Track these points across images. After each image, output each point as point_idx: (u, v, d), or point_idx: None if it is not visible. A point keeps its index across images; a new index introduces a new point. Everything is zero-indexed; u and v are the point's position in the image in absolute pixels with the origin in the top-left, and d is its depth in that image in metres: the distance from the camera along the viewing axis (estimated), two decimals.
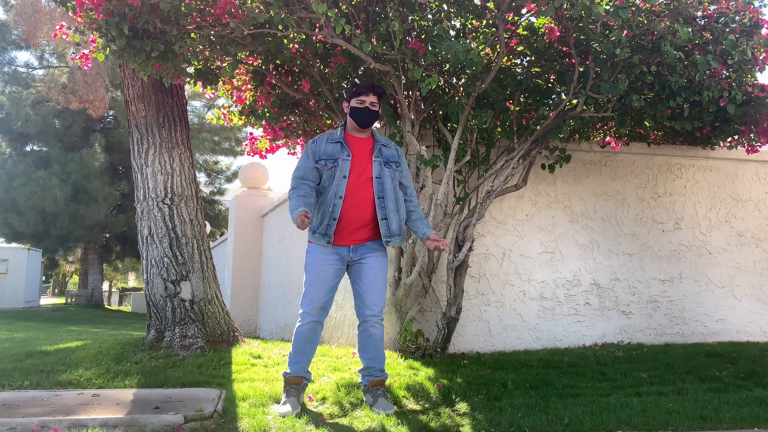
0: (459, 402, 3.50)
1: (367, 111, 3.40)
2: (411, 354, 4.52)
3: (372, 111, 3.41)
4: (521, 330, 5.18)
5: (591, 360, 4.57)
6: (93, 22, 3.89)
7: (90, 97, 17.00)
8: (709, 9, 4.16)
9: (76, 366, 4.34)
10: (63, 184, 17.88)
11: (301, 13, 3.92)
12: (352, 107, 3.43)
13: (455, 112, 4.45)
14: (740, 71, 4.16)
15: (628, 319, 5.42)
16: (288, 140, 5.71)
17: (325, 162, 3.38)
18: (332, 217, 3.32)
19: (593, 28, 4.01)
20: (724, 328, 5.60)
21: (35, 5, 16.08)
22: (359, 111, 3.41)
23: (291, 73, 4.92)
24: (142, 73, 4.30)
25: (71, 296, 27.75)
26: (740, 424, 3.04)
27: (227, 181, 24.39)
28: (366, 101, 3.40)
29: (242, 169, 9.62)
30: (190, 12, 3.94)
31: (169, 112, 5.30)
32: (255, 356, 4.61)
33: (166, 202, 5.10)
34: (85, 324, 13.68)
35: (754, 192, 5.90)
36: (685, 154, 5.78)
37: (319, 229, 3.35)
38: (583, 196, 5.50)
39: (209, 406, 3.17)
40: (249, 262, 9.17)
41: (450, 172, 4.46)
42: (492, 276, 5.18)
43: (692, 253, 5.65)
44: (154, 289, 5.04)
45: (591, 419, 3.09)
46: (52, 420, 2.87)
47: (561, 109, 4.45)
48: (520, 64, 4.88)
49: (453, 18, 4.31)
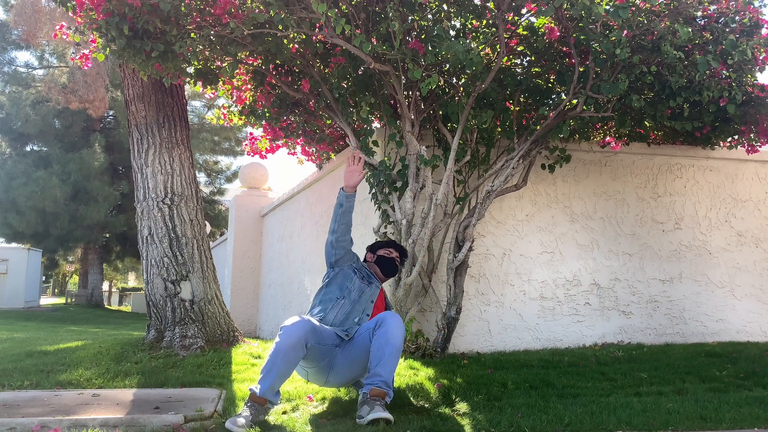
0: (459, 402, 3.50)
1: (393, 262, 3.64)
2: (411, 354, 4.52)
3: (396, 265, 3.67)
4: (521, 330, 5.18)
5: (591, 360, 4.57)
6: (93, 22, 3.88)
7: (90, 97, 17.00)
8: (709, 9, 4.16)
9: (76, 366, 4.34)
10: (63, 184, 17.88)
11: (301, 13, 3.92)
12: (380, 255, 3.64)
13: (455, 112, 4.45)
14: (740, 71, 4.16)
15: (628, 319, 5.42)
16: (288, 140, 5.71)
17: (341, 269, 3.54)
18: (359, 325, 3.36)
19: (593, 28, 4.01)
20: (724, 328, 5.60)
21: (35, 5, 16.08)
22: (386, 260, 3.63)
23: (291, 73, 4.92)
24: (142, 73, 4.30)
25: (71, 296, 27.75)
26: (740, 424, 3.04)
27: (227, 181, 24.42)
28: (393, 254, 3.65)
29: (242, 169, 9.63)
30: (190, 12, 3.93)
31: (169, 112, 5.30)
32: (255, 356, 4.61)
33: (166, 202, 5.10)
34: (85, 324, 13.68)
35: (754, 192, 5.90)
36: (685, 154, 5.78)
37: (339, 326, 3.33)
38: (583, 196, 5.50)
39: (209, 406, 3.17)
40: (249, 262, 9.17)
41: (450, 172, 4.46)
42: (492, 276, 5.18)
43: (692, 253, 5.65)
44: (154, 289, 5.04)
45: (591, 419, 3.08)
46: (52, 420, 2.87)
47: (561, 109, 4.45)
48: (520, 64, 4.88)
49: (453, 18, 4.31)
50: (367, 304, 3.42)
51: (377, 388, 3.01)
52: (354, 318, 3.35)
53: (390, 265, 3.61)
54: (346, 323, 3.32)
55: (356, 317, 3.35)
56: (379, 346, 3.09)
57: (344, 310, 3.36)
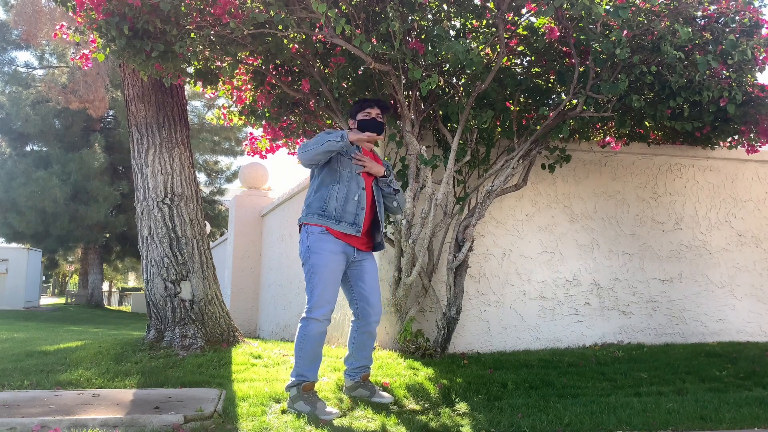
0: (459, 402, 3.50)
1: (374, 121, 3.50)
2: (411, 354, 4.52)
3: (378, 122, 3.52)
4: (521, 330, 5.18)
5: (591, 360, 4.57)
6: (93, 22, 3.88)
7: (90, 97, 17.00)
8: (709, 9, 4.16)
9: (76, 366, 4.34)
10: (63, 184, 17.88)
11: (301, 13, 3.92)
12: (360, 120, 3.52)
13: (455, 112, 4.45)
14: (740, 71, 4.16)
15: (628, 319, 5.42)
16: (288, 140, 5.70)
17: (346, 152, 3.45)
18: (360, 206, 3.38)
19: (593, 28, 4.01)
20: (724, 328, 5.60)
21: (35, 5, 16.08)
22: (367, 122, 3.49)
23: (291, 73, 4.92)
24: (142, 73, 4.30)
25: (71, 296, 27.75)
26: (740, 424, 3.04)
27: (227, 181, 24.42)
28: (372, 113, 3.52)
29: (242, 169, 9.63)
30: (190, 12, 3.93)
31: (169, 112, 5.30)
32: (255, 356, 4.61)
33: (166, 202, 5.10)
34: (85, 324, 13.68)
35: (754, 192, 5.90)
36: (685, 154, 5.78)
37: (346, 217, 3.34)
38: (583, 196, 5.50)
39: (209, 406, 3.17)
40: (249, 262, 9.17)
41: (450, 172, 4.45)
42: (492, 276, 5.18)
43: (692, 253, 5.65)
44: (154, 289, 5.04)
45: (591, 419, 3.09)
46: (52, 420, 2.87)
47: (561, 109, 4.45)
48: (520, 64, 4.88)
49: (453, 18, 4.31)
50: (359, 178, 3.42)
51: (366, 373, 3.56)
52: (353, 197, 3.37)
53: (371, 125, 3.48)
54: (347, 207, 3.35)
55: (355, 195, 3.37)
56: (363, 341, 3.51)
57: (341, 194, 3.36)
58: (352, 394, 3.54)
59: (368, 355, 3.56)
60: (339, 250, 3.33)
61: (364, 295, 3.45)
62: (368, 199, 3.44)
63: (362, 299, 3.46)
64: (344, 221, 3.34)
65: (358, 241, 3.41)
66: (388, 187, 3.53)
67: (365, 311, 3.46)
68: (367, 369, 3.58)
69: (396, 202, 3.60)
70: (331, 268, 3.30)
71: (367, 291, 3.45)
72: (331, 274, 3.30)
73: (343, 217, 3.34)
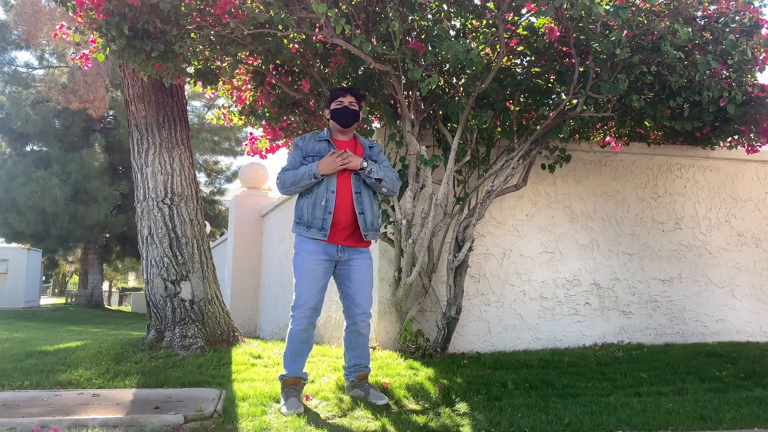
0: (459, 402, 3.50)
1: (346, 110, 3.45)
2: (411, 354, 4.52)
3: (351, 110, 3.46)
4: (521, 330, 5.18)
5: (591, 360, 4.57)
6: (93, 22, 3.88)
7: (90, 97, 17.00)
8: (709, 9, 4.16)
9: (76, 366, 4.34)
10: (63, 184, 17.88)
11: (301, 13, 3.92)
12: (332, 110, 3.50)
13: (455, 112, 4.45)
14: (740, 71, 4.16)
15: (628, 319, 5.42)
16: (288, 140, 5.70)
17: (313, 158, 3.42)
18: (327, 211, 3.36)
19: (593, 28, 4.01)
20: (724, 328, 5.60)
21: (35, 5, 16.07)
22: (338, 111, 3.47)
23: (291, 73, 4.92)
24: (142, 73, 4.30)
25: (71, 296, 27.75)
26: (740, 424, 3.04)
27: (227, 181, 24.44)
28: (344, 101, 3.46)
29: (242, 169, 9.62)
30: (190, 12, 3.93)
31: (169, 112, 5.30)
32: (255, 356, 4.61)
33: (166, 202, 5.10)
34: (85, 324, 13.68)
35: (754, 192, 5.90)
36: (685, 154, 5.78)
37: (314, 223, 3.37)
38: (583, 196, 5.50)
39: (209, 406, 3.17)
40: (249, 262, 9.17)
41: (450, 172, 4.46)
42: (492, 276, 5.18)
43: (692, 253, 5.65)
44: (154, 289, 5.04)
45: (591, 419, 3.09)
46: (52, 420, 2.87)
47: (561, 109, 4.45)
48: (520, 64, 4.88)
49: (453, 18, 4.31)
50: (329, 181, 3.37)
51: (362, 373, 3.57)
52: (320, 202, 3.35)
53: (343, 115, 3.44)
54: (315, 212, 3.35)
55: (322, 200, 3.35)
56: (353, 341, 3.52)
57: (309, 200, 3.38)
58: (349, 393, 3.56)
59: (360, 354, 3.56)
60: (319, 250, 3.38)
61: (350, 294, 3.48)
62: (347, 194, 3.40)
63: (347, 298, 3.50)
64: (313, 227, 3.37)
65: (340, 238, 3.41)
66: (368, 178, 3.42)
67: (351, 310, 3.49)
68: (363, 369, 3.59)
69: (384, 188, 3.48)
70: (308, 268, 3.36)
71: (352, 290, 3.46)
72: (307, 274, 3.36)
73: (312, 222, 3.37)
